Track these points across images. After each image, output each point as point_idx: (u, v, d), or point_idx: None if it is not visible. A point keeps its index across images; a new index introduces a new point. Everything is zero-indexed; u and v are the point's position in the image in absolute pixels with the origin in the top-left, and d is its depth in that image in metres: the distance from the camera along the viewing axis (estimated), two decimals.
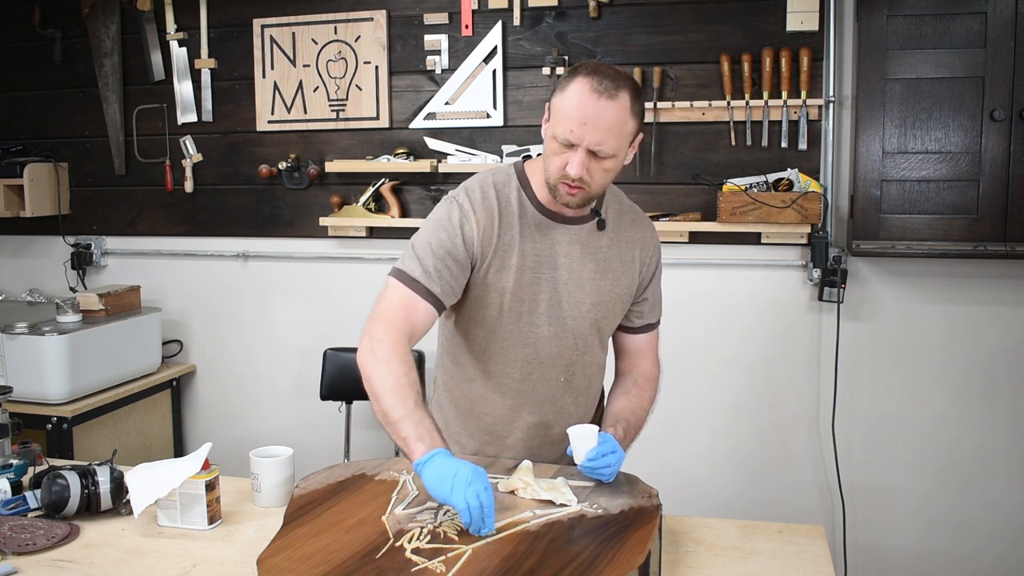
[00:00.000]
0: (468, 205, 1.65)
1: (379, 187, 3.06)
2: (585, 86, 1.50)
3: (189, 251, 3.37)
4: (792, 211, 2.69)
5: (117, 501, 1.65)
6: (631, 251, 1.73)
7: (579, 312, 1.69)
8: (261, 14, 3.16)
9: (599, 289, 1.70)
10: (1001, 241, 2.59)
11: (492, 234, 1.63)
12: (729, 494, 2.96)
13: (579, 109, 1.49)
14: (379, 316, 1.59)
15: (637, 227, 1.75)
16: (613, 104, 1.49)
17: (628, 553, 1.31)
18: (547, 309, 1.68)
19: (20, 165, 3.25)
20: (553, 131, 1.54)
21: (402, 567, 1.27)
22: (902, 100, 2.61)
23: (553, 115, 1.55)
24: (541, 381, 1.74)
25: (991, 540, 2.81)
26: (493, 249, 1.64)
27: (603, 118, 1.49)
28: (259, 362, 3.35)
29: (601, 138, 1.50)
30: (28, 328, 2.84)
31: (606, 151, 1.52)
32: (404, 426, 1.46)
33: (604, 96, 1.49)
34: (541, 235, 1.66)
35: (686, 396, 2.97)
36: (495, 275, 1.65)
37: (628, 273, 1.73)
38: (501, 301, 1.66)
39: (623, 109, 1.51)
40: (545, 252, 1.67)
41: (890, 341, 2.82)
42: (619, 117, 1.51)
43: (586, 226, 1.69)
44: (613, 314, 1.74)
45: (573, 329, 1.71)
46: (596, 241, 1.70)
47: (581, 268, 1.68)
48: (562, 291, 1.68)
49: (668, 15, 2.84)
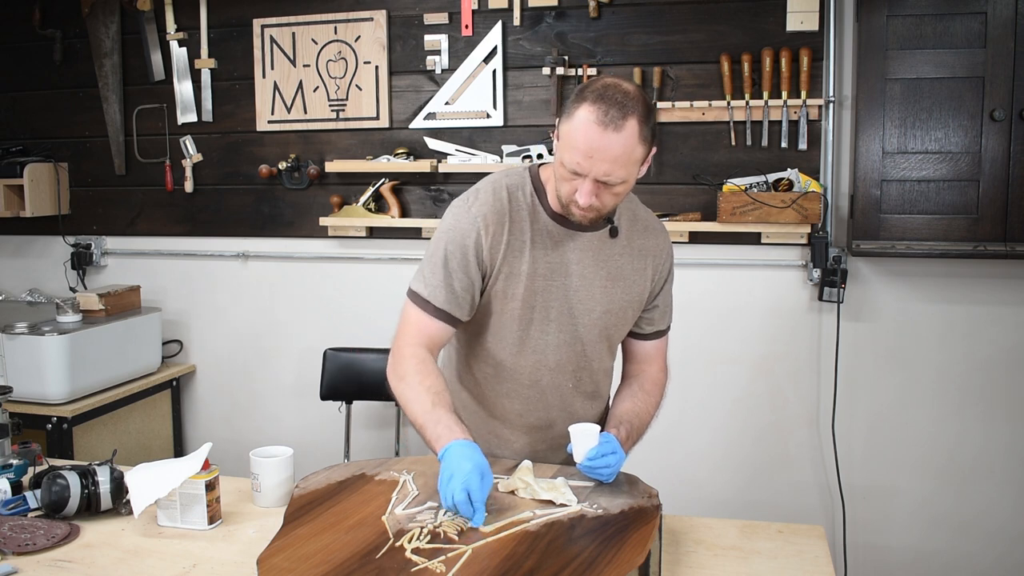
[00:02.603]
0: (478, 209, 1.63)
1: (379, 187, 3.06)
2: (591, 116, 1.46)
3: (189, 251, 3.37)
4: (792, 211, 2.69)
5: (117, 501, 1.65)
6: (643, 259, 1.73)
7: (590, 320, 1.70)
8: (261, 14, 3.16)
9: (610, 297, 1.70)
10: (1001, 241, 2.59)
11: (501, 240, 1.63)
12: (729, 494, 2.96)
13: (585, 142, 1.47)
14: (399, 337, 1.67)
15: (650, 235, 1.75)
16: (620, 136, 1.46)
17: (628, 553, 1.31)
18: (557, 316, 1.68)
19: (20, 165, 3.25)
20: (561, 158, 1.52)
21: (402, 567, 1.27)
22: (902, 100, 2.61)
23: (561, 141, 1.53)
24: (550, 387, 1.74)
25: (991, 540, 2.81)
26: (502, 255, 1.63)
27: (610, 150, 1.46)
28: (259, 362, 3.35)
29: (608, 169, 1.48)
30: (28, 328, 2.84)
31: (614, 180, 1.50)
32: (427, 430, 1.54)
33: (610, 128, 1.45)
34: (553, 242, 1.66)
35: (686, 396, 2.97)
36: (504, 282, 1.65)
37: (640, 281, 1.72)
38: (512, 307, 1.67)
39: (631, 138, 1.47)
40: (557, 260, 1.66)
41: (890, 341, 2.82)
42: (626, 147, 1.47)
43: (599, 234, 1.68)
44: (623, 322, 1.75)
45: (583, 337, 1.71)
46: (608, 249, 1.69)
47: (593, 276, 1.68)
48: (573, 298, 1.68)
49: (668, 15, 2.84)
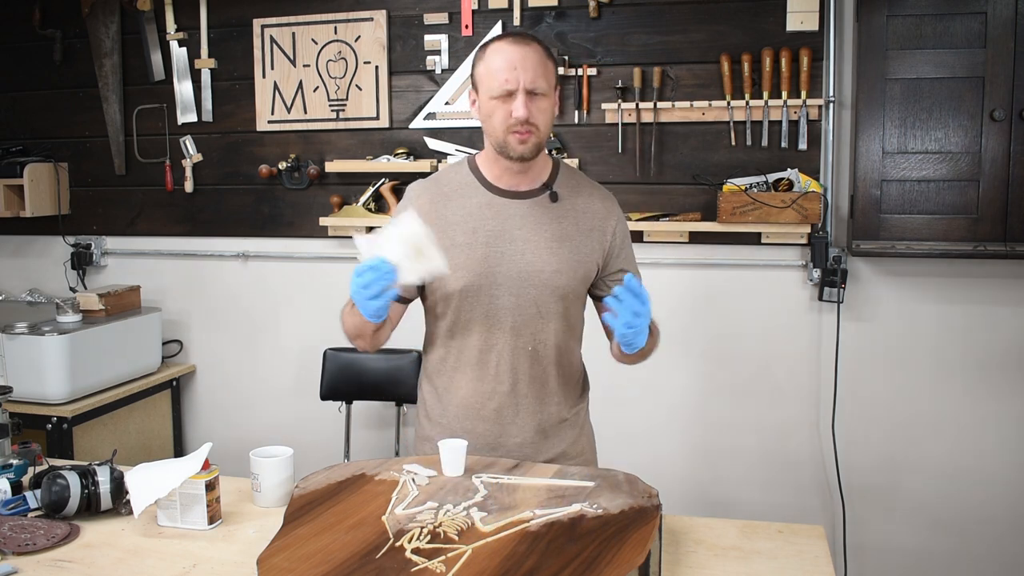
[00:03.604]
0: (413, 192, 1.80)
1: (379, 187, 3.06)
2: (502, 42, 1.67)
3: (189, 251, 3.37)
4: (792, 211, 2.69)
5: (117, 501, 1.65)
6: (588, 220, 1.77)
7: (539, 280, 1.73)
8: (261, 14, 3.16)
9: (558, 257, 1.73)
10: (1001, 241, 2.59)
11: (438, 213, 1.74)
12: (729, 494, 2.96)
13: (506, 60, 1.64)
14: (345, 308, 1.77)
15: (595, 199, 1.80)
16: (532, 47, 1.66)
17: (628, 553, 1.31)
18: (505, 281, 1.73)
19: (20, 165, 3.25)
20: (488, 92, 1.66)
21: (402, 567, 1.27)
22: (902, 100, 2.61)
23: (482, 82, 1.68)
24: (507, 351, 1.75)
25: (991, 540, 2.81)
26: (438, 227, 1.70)
27: (529, 58, 1.64)
28: (259, 362, 3.35)
29: (533, 76, 1.64)
30: (28, 328, 2.84)
31: (541, 87, 1.64)
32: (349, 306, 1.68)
33: (522, 42, 1.66)
34: (493, 212, 1.74)
35: (686, 396, 2.97)
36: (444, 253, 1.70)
37: (588, 242, 1.76)
38: (458, 277, 1.72)
39: (542, 51, 1.67)
40: (499, 227, 1.73)
41: (890, 341, 2.82)
42: (541, 57, 1.66)
43: (539, 199, 1.76)
44: (575, 281, 1.76)
45: (535, 298, 1.74)
46: (551, 213, 1.75)
47: (538, 239, 1.73)
48: (520, 262, 1.73)
49: (668, 15, 2.84)
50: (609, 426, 2.92)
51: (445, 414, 1.82)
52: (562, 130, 2.94)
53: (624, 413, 2.98)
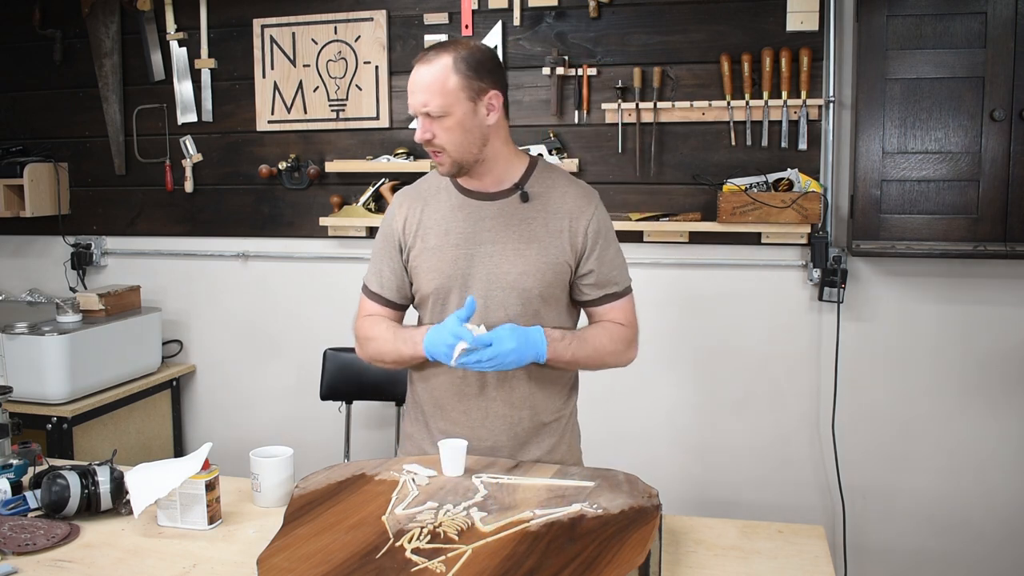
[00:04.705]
0: (400, 198, 1.84)
1: (379, 187, 3.06)
2: (415, 62, 1.68)
3: (189, 251, 3.37)
4: (792, 211, 2.69)
5: (117, 501, 1.65)
6: (559, 221, 1.75)
7: (506, 282, 1.72)
8: (261, 14, 3.16)
9: (524, 259, 1.72)
10: (1001, 241, 2.59)
11: (415, 218, 1.78)
12: (729, 494, 2.96)
13: (410, 82, 1.67)
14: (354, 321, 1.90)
15: (568, 197, 1.77)
16: (429, 67, 1.64)
17: (628, 553, 1.31)
18: (475, 283, 1.73)
19: (20, 165, 3.25)
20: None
21: (402, 567, 1.27)
22: (902, 100, 2.61)
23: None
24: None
25: (991, 540, 2.81)
26: (415, 232, 1.78)
27: (421, 80, 1.65)
28: (259, 362, 3.35)
29: (424, 99, 1.64)
30: (28, 328, 2.84)
31: (434, 110, 1.64)
32: (404, 350, 1.74)
33: (421, 63, 1.66)
34: (464, 214, 1.76)
35: (685, 396, 2.97)
36: (418, 256, 1.77)
37: (556, 243, 1.74)
38: (431, 279, 1.75)
39: (442, 69, 1.63)
40: (470, 230, 1.75)
41: (890, 341, 2.82)
42: (436, 76, 1.63)
43: (510, 199, 1.76)
44: (543, 283, 1.73)
45: (503, 301, 1.73)
46: (521, 214, 1.75)
47: (506, 240, 1.73)
48: (488, 264, 1.73)
49: (668, 15, 2.84)
50: (609, 426, 2.93)
51: (422, 414, 1.85)
52: (562, 130, 2.95)
53: (624, 413, 2.98)
